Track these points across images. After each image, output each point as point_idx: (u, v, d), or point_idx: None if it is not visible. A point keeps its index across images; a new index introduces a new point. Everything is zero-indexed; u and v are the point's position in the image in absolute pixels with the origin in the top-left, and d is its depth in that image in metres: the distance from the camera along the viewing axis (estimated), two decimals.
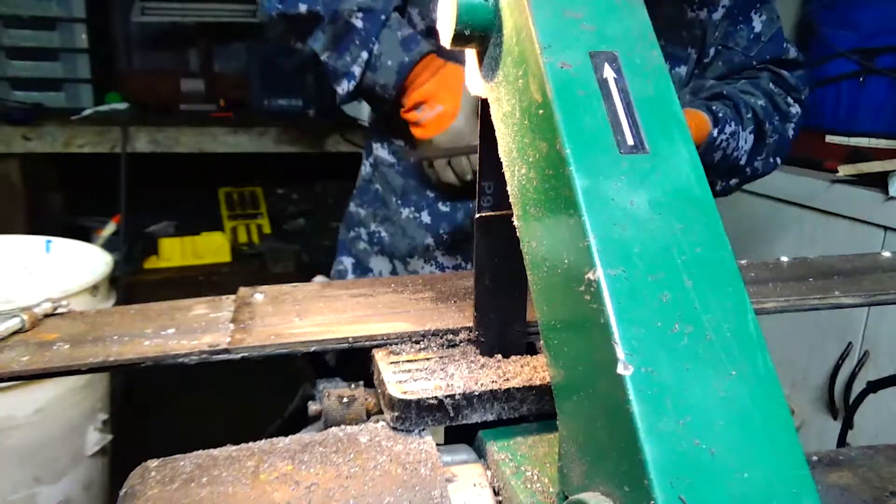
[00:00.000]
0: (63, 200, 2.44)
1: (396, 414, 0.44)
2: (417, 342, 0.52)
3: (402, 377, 0.47)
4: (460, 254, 1.06)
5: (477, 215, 0.48)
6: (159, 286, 2.35)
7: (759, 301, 0.59)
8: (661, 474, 0.26)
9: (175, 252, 2.47)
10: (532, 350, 0.52)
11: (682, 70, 1.09)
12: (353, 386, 0.51)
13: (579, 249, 0.31)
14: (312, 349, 0.51)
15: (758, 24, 1.12)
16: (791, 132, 1.14)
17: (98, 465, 1.30)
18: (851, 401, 1.13)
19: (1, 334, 0.49)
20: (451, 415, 0.45)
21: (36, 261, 1.44)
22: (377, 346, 0.52)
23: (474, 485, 0.42)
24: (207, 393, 2.08)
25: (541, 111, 0.34)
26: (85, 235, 2.12)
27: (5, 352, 0.48)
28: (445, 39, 0.41)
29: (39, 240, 1.45)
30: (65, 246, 1.45)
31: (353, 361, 0.54)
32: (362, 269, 1.13)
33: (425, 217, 1.04)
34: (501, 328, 0.51)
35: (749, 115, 1.04)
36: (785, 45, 1.14)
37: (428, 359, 0.50)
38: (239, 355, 0.49)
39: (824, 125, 1.97)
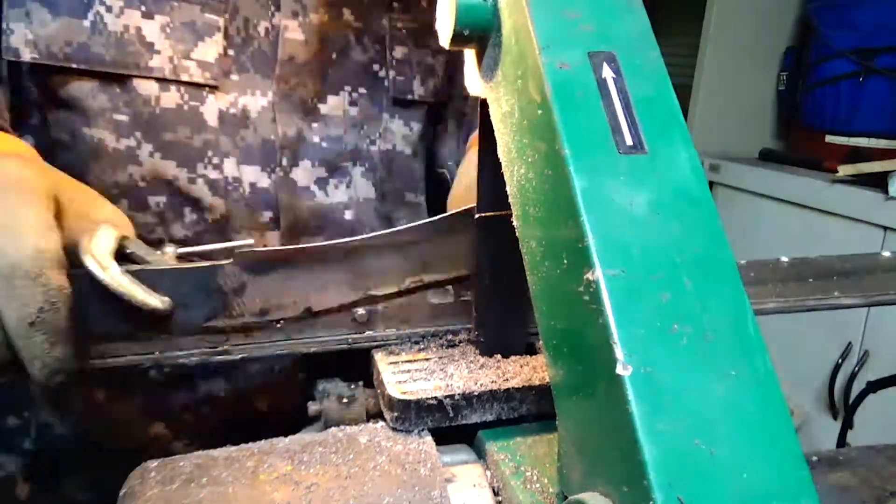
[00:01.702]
0: None
1: (396, 414, 0.44)
2: (417, 342, 0.52)
3: (401, 377, 0.47)
4: None
5: (477, 215, 0.48)
6: None
7: (758, 301, 0.59)
8: (661, 474, 0.26)
9: None
10: (532, 350, 0.52)
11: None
12: (352, 386, 0.51)
13: (578, 250, 0.31)
14: (312, 349, 0.51)
15: None
16: None
17: None
18: (851, 401, 1.13)
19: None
20: (451, 415, 0.45)
21: None
22: (377, 347, 0.52)
23: (474, 485, 0.42)
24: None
25: (539, 111, 0.34)
26: None
27: None
28: (444, 40, 0.41)
29: None
30: None
31: (353, 362, 0.54)
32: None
33: None
34: (501, 328, 0.51)
35: None
36: None
37: (427, 359, 0.50)
38: (238, 356, 0.49)
39: (824, 125, 1.97)
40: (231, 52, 0.65)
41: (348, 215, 0.72)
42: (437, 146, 0.85)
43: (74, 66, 0.59)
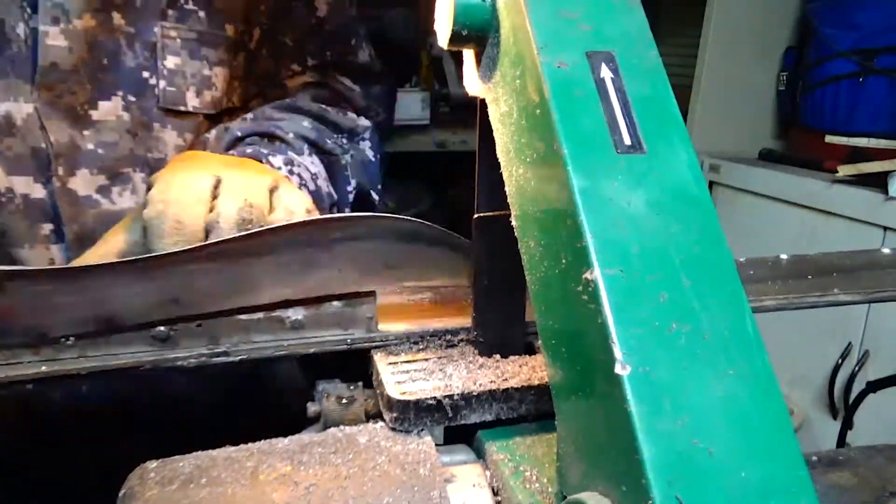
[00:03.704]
0: None
1: (395, 415, 0.44)
2: (416, 343, 0.52)
3: (400, 378, 0.47)
4: None
5: (476, 215, 0.48)
6: None
7: (757, 299, 0.59)
8: (659, 474, 0.26)
9: None
10: (531, 350, 0.52)
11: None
12: (351, 387, 0.51)
13: (577, 249, 0.31)
14: (312, 350, 0.51)
15: (322, 6, 0.82)
16: (369, 153, 0.88)
17: None
18: (851, 401, 1.13)
19: None
20: (450, 415, 0.45)
21: None
22: (376, 347, 0.52)
23: (473, 485, 0.42)
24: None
25: (538, 111, 0.34)
26: None
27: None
28: (443, 40, 0.41)
29: None
30: None
31: (352, 362, 0.54)
32: None
33: None
34: (500, 328, 0.51)
35: (292, 136, 0.76)
36: (354, 41, 0.88)
37: (426, 359, 0.50)
38: (237, 357, 0.49)
39: (824, 125, 1.97)
40: None
41: None
42: None
43: None
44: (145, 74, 0.70)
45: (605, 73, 0.34)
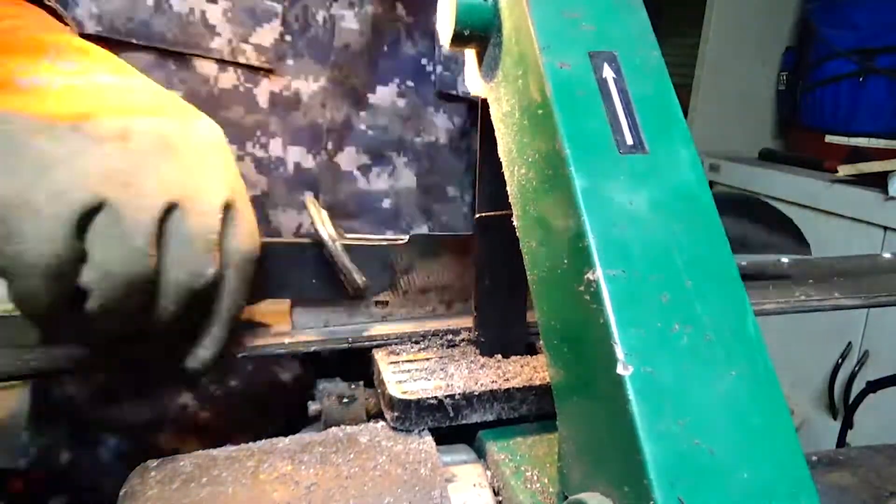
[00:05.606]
0: None
1: (396, 414, 0.44)
2: (417, 342, 0.52)
3: (401, 377, 0.47)
4: None
5: (477, 215, 0.48)
6: None
7: (758, 301, 0.59)
8: (661, 474, 0.26)
9: None
10: (532, 350, 0.52)
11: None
12: (352, 386, 0.51)
13: (579, 250, 0.31)
14: (312, 349, 0.51)
15: None
16: None
17: None
18: (851, 401, 1.13)
19: None
20: (451, 415, 0.45)
21: None
22: (377, 346, 0.52)
23: (474, 485, 0.42)
24: None
25: (540, 111, 0.34)
26: None
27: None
28: (445, 40, 0.41)
29: None
30: None
31: (353, 361, 0.54)
32: None
33: None
34: (501, 328, 0.51)
35: None
36: None
37: (428, 359, 0.50)
38: (238, 355, 0.49)
39: (824, 125, 1.97)
40: (288, 38, 0.68)
41: (387, 203, 0.75)
42: None
43: (135, 41, 0.62)
44: (423, 62, 0.75)
45: (608, 73, 0.34)
